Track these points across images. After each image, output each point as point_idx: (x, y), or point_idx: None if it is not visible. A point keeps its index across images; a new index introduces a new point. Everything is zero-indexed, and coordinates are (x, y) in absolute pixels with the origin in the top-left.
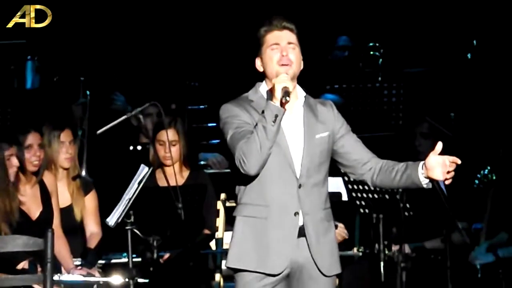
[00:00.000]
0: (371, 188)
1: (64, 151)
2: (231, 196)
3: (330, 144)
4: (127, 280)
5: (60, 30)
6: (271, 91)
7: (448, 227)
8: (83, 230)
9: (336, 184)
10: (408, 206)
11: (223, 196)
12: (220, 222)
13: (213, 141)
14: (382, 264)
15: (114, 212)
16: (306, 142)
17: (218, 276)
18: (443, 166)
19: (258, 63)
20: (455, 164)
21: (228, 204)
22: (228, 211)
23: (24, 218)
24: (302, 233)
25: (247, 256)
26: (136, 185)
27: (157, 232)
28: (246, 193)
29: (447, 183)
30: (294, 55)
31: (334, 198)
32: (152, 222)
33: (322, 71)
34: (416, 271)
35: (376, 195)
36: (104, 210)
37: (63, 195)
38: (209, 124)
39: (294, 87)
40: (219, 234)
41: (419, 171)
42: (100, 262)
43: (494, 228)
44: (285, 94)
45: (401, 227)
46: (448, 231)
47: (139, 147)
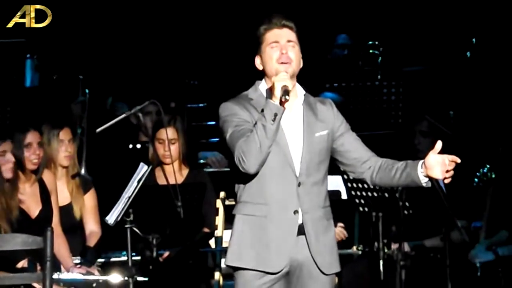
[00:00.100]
0: (371, 186)
1: (64, 149)
2: (231, 194)
3: (330, 143)
4: (126, 278)
5: (60, 29)
6: (271, 90)
7: (448, 225)
8: (82, 228)
9: (335, 182)
10: (407, 204)
11: (222, 194)
12: (220, 220)
13: (212, 139)
14: (381, 262)
15: (113, 210)
16: (306, 141)
17: (217, 274)
18: (442, 165)
19: (258, 61)
20: (454, 163)
21: (227, 203)
22: (228, 209)
23: (23, 216)
24: (301, 231)
25: (247, 254)
26: (135, 183)
27: (156, 230)
28: (245, 191)
29: (446, 182)
30: (294, 53)
31: (333, 197)
32: (152, 220)
33: (321, 69)
34: (416, 269)
35: (375, 194)
36: (103, 209)
37: (63, 194)
38: (208, 123)
39: (293, 86)
40: (218, 233)
41: (419, 170)
42: (100, 260)
43: (493, 226)
44: (284, 92)
45: (400, 225)
46: (447, 229)
47: (139, 146)
